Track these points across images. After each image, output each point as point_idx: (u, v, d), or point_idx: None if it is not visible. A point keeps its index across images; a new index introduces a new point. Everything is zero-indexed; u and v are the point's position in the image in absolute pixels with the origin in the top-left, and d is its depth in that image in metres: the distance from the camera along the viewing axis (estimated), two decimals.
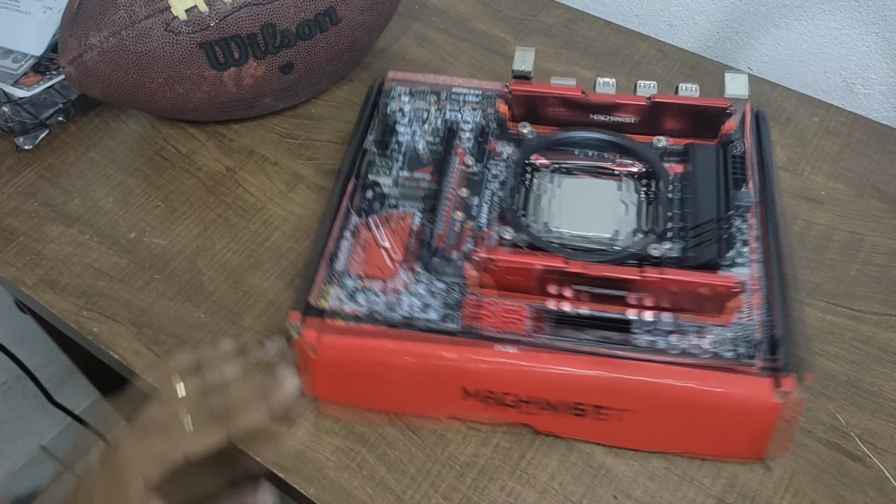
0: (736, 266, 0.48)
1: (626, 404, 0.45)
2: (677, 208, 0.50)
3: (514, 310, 0.46)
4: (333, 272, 0.48)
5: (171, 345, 0.53)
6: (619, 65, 0.70)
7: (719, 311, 0.45)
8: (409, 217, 0.50)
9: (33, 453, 1.36)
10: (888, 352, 0.52)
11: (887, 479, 0.47)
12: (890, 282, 0.56)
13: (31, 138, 0.64)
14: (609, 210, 0.50)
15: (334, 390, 0.49)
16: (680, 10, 0.74)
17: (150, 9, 0.55)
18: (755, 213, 0.50)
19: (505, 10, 0.76)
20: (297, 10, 0.58)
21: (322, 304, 0.47)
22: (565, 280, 0.45)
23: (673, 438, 0.47)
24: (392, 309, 0.47)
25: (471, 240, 0.49)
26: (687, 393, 0.44)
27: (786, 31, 0.70)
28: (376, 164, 0.53)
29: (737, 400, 0.43)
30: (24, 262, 0.58)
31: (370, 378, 0.47)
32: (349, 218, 0.51)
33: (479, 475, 0.48)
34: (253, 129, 0.66)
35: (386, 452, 0.49)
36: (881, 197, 0.60)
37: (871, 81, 0.68)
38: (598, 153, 0.54)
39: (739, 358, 0.44)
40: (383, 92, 0.58)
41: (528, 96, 0.53)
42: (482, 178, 0.53)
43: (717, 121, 0.52)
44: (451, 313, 0.46)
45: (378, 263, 0.48)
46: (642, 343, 0.45)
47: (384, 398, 0.49)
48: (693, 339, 0.45)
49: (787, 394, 0.43)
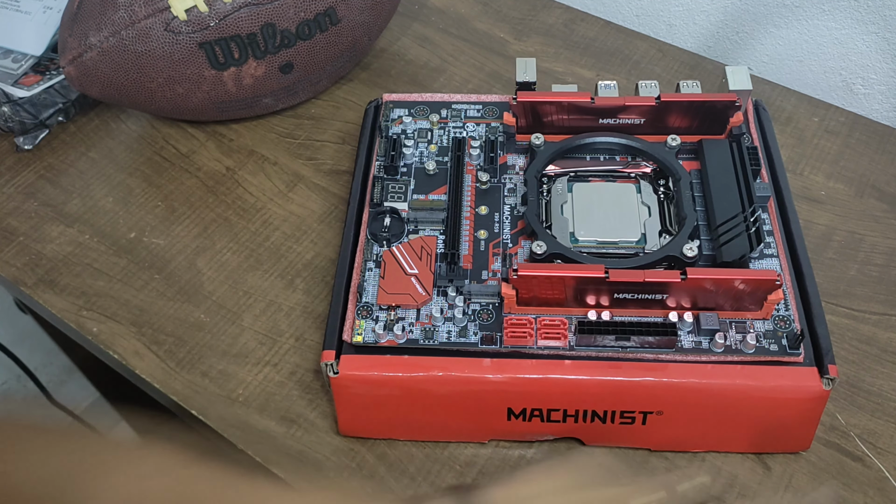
0: (764, 258, 0.48)
1: (677, 408, 0.45)
2: (700, 206, 0.50)
3: (555, 324, 0.45)
4: (362, 305, 0.47)
5: (171, 345, 0.53)
6: (618, 65, 0.70)
7: (759, 306, 0.45)
8: (433, 241, 0.49)
9: None
10: (888, 352, 0.52)
11: (887, 479, 0.47)
12: (890, 282, 0.56)
13: (30, 138, 0.64)
14: (632, 213, 0.50)
15: (375, 422, 0.48)
16: (680, 10, 0.74)
17: (149, 8, 0.55)
18: (771, 204, 0.51)
19: (505, 9, 0.76)
20: (296, 10, 0.58)
21: (357, 340, 0.46)
22: (605, 289, 0.45)
23: (725, 436, 0.47)
24: (429, 336, 0.46)
25: (497, 258, 0.49)
26: (738, 390, 0.44)
27: (786, 31, 0.70)
28: (388, 189, 0.53)
29: (787, 391, 0.44)
30: (24, 262, 0.58)
31: (415, 409, 0.47)
32: (370, 248, 0.50)
33: (478, 475, 0.48)
34: (253, 129, 0.66)
35: (386, 452, 0.49)
36: (881, 197, 0.60)
37: (871, 81, 0.68)
38: (608, 157, 0.53)
39: (784, 350, 0.45)
40: (382, 115, 0.57)
41: (535, 105, 0.52)
42: (499, 194, 0.53)
43: (726, 115, 0.52)
44: (491, 334, 0.46)
45: (409, 292, 0.47)
46: (687, 345, 0.45)
47: (429, 428, 0.48)
48: (736, 335, 0.45)
49: (833, 380, 0.44)
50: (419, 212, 0.51)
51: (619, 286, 0.44)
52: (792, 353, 0.44)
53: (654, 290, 0.44)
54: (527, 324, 0.45)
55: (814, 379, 0.44)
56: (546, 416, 0.46)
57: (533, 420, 0.46)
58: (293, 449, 0.49)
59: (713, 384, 0.44)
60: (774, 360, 0.44)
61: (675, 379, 0.44)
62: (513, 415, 0.46)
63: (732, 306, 0.45)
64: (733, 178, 0.50)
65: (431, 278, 0.47)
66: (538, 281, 0.44)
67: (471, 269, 0.48)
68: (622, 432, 0.47)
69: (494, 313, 0.46)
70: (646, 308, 0.46)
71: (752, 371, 0.44)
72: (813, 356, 0.45)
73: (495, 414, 0.46)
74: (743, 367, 0.44)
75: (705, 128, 0.53)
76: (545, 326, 0.45)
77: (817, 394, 0.44)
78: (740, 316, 0.46)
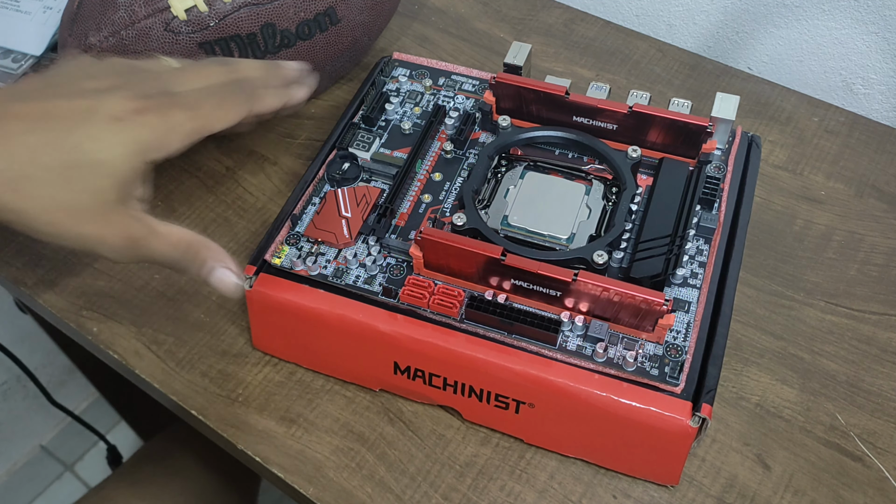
0: (686, 286, 0.47)
1: (546, 405, 0.45)
2: (638, 220, 0.49)
3: (451, 294, 0.46)
4: (293, 233, 0.50)
5: (171, 345, 0.53)
6: (618, 65, 0.70)
7: (651, 328, 0.44)
8: (377, 192, 0.51)
9: (33, 453, 1.36)
10: (888, 352, 0.52)
11: (887, 478, 0.47)
12: (889, 281, 0.56)
13: None
14: (571, 212, 0.50)
15: (279, 342, 0.51)
16: (680, 10, 0.74)
17: (149, 8, 0.55)
18: (717, 240, 0.49)
19: (505, 9, 0.76)
20: (296, 10, 0.58)
21: (275, 262, 0.49)
22: (503, 273, 0.45)
23: (591, 446, 0.47)
24: (338, 276, 0.48)
25: (431, 222, 0.50)
26: (604, 403, 0.44)
27: (786, 31, 0.70)
28: (358, 137, 0.55)
29: (653, 418, 0.43)
30: (23, 262, 0.58)
31: (314, 340, 0.49)
32: (322, 186, 0.52)
33: (478, 475, 0.48)
34: (253, 129, 0.66)
35: (385, 452, 0.49)
36: (881, 197, 0.60)
37: (871, 81, 0.68)
38: (577, 155, 0.53)
39: (663, 377, 0.44)
40: (383, 70, 0.59)
41: (511, 89, 0.53)
42: (458, 165, 0.54)
43: (697, 139, 0.51)
44: (392, 288, 0.47)
45: (335, 231, 0.49)
46: (570, 346, 0.45)
47: (326, 362, 0.51)
48: (621, 350, 0.45)
49: (704, 420, 0.42)
50: (378, 164, 0.53)
51: (515, 272, 0.45)
52: (670, 381, 0.43)
53: (549, 284, 0.44)
54: (427, 286, 0.46)
55: (684, 412, 0.42)
56: (428, 379, 0.47)
57: (416, 380, 0.48)
58: (293, 449, 0.49)
59: (581, 390, 0.44)
60: (651, 384, 0.44)
61: (547, 375, 0.44)
62: (398, 370, 0.48)
63: (627, 322, 0.45)
64: (677, 202, 0.49)
65: (360, 225, 0.49)
66: (440, 247, 0.45)
67: (402, 227, 0.50)
68: (497, 415, 0.48)
69: (405, 271, 0.48)
70: (544, 302, 0.46)
71: (623, 387, 0.44)
72: (693, 392, 0.43)
73: (382, 364, 0.48)
74: (616, 382, 0.44)
75: (676, 148, 0.52)
76: (440, 293, 0.46)
77: (682, 428, 0.42)
78: (634, 334, 0.45)
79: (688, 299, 0.47)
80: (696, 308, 0.46)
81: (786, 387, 0.51)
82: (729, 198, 0.51)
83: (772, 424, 0.49)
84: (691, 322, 0.46)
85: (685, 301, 0.47)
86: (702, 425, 0.43)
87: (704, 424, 0.43)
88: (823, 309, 0.54)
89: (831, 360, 0.52)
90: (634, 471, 0.47)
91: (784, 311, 0.54)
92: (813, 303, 0.54)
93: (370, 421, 0.50)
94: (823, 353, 0.52)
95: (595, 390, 0.44)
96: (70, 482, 1.34)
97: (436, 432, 0.49)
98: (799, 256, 0.57)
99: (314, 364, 0.51)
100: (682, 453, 0.44)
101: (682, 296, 0.47)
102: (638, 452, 0.46)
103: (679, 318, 0.46)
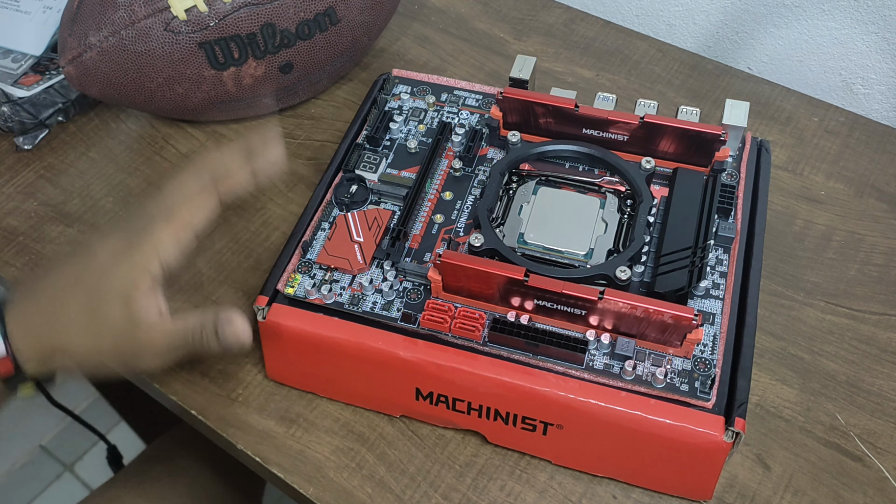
0: (709, 298, 0.47)
1: (575, 425, 0.45)
2: (656, 232, 0.49)
3: (473, 317, 0.45)
4: (304, 261, 0.49)
5: None
6: (618, 65, 0.70)
7: (679, 343, 0.44)
8: (387, 215, 0.50)
9: (33, 453, 1.36)
10: (888, 352, 0.52)
11: (887, 478, 0.47)
12: (889, 282, 0.56)
13: (30, 138, 0.64)
14: (587, 227, 0.49)
15: (295, 372, 0.50)
16: (680, 10, 0.74)
17: (149, 8, 0.55)
18: (736, 248, 0.49)
19: (505, 9, 0.76)
20: (296, 10, 0.58)
21: (288, 291, 0.48)
22: (526, 293, 0.44)
23: (622, 465, 0.46)
24: (355, 303, 0.47)
25: (445, 244, 0.49)
26: (636, 421, 0.43)
27: (786, 31, 0.70)
28: (364, 158, 0.53)
29: (686, 434, 0.42)
30: (24, 262, 0.58)
31: (332, 369, 0.48)
32: (330, 210, 0.52)
33: (478, 475, 0.48)
34: (253, 129, 0.66)
35: (385, 452, 0.49)
36: (881, 197, 0.60)
37: (871, 81, 0.68)
38: (588, 168, 0.52)
39: (694, 392, 0.43)
40: (384, 88, 0.58)
41: (519, 103, 0.52)
42: (468, 183, 0.52)
43: (710, 147, 0.50)
44: (412, 314, 0.46)
45: (349, 257, 0.48)
46: (598, 366, 0.44)
47: (345, 391, 0.50)
48: (649, 367, 0.44)
49: (738, 435, 0.42)
50: (386, 185, 0.52)
51: (539, 293, 0.44)
52: (701, 396, 0.43)
53: (574, 303, 0.43)
54: (447, 310, 0.46)
55: (717, 427, 0.42)
56: (451, 404, 0.47)
57: (439, 405, 0.47)
58: (293, 449, 0.49)
59: (612, 409, 0.43)
60: (682, 401, 0.43)
61: (576, 396, 0.44)
62: (421, 396, 0.47)
63: (655, 338, 0.44)
64: (696, 212, 0.48)
65: (374, 249, 0.49)
66: (460, 271, 0.45)
67: (416, 249, 0.49)
68: (523, 438, 0.47)
69: (423, 295, 0.47)
70: (568, 321, 0.45)
71: (653, 405, 0.43)
72: (725, 406, 0.43)
73: (404, 391, 0.47)
74: (646, 400, 0.43)
75: (689, 157, 0.51)
76: (461, 317, 0.45)
77: (716, 444, 0.42)
78: (661, 349, 0.44)
79: (712, 311, 0.46)
80: (720, 319, 0.46)
81: (786, 387, 0.51)
82: (744, 205, 0.51)
83: (772, 424, 0.49)
84: (717, 334, 0.45)
85: (710, 313, 0.46)
86: (735, 439, 0.42)
87: (738, 439, 0.42)
88: (823, 309, 0.54)
89: (831, 360, 0.52)
90: (667, 488, 0.46)
91: (784, 311, 0.54)
92: (813, 303, 0.54)
93: (370, 421, 0.50)
94: (823, 353, 0.52)
95: (625, 409, 0.43)
96: (70, 482, 1.34)
97: (435, 432, 0.49)
98: (799, 256, 0.57)
99: (332, 393, 0.50)
100: (716, 469, 0.44)
101: (705, 308, 0.46)
102: (670, 469, 0.45)
103: (705, 330, 0.45)
